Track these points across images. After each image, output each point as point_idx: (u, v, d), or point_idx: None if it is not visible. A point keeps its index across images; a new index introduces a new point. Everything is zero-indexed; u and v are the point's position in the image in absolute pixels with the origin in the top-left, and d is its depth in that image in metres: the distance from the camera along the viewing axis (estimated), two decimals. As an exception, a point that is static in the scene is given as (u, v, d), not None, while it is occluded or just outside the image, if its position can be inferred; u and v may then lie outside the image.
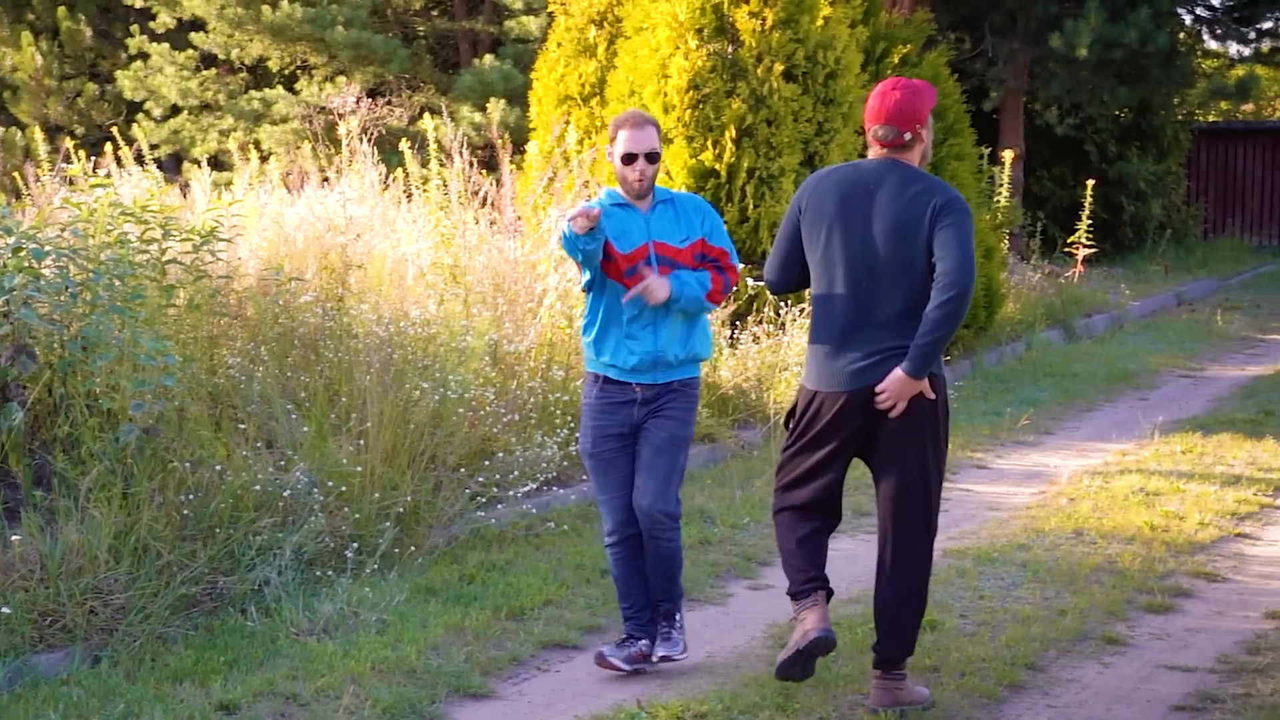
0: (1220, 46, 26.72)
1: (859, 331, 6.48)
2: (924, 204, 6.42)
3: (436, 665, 6.90)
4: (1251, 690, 6.80)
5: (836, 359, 6.53)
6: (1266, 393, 14.17)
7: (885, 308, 6.45)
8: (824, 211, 6.57)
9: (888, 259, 6.45)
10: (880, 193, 6.50)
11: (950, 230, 6.38)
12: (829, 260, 6.55)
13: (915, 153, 6.62)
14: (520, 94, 18.29)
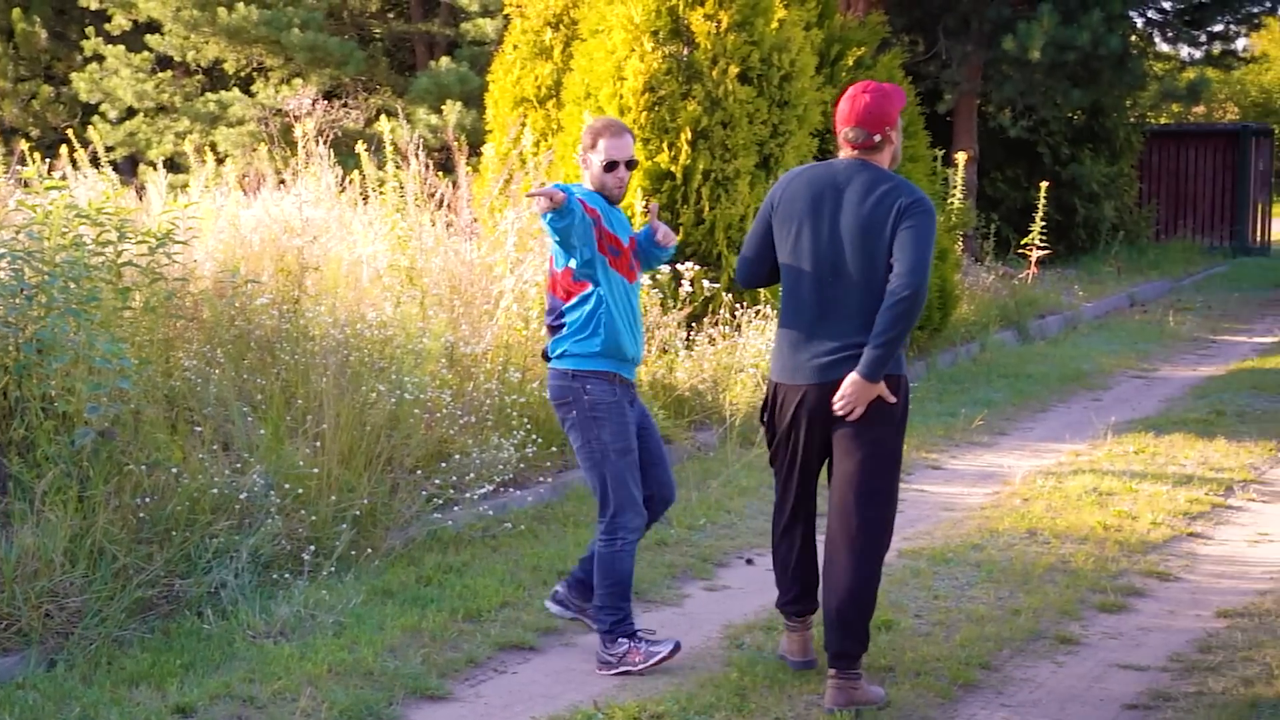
0: (1171, 49, 26.90)
1: (823, 328, 6.64)
2: (889, 204, 6.56)
3: (393, 667, 6.90)
4: (1203, 688, 6.86)
5: (800, 353, 6.70)
6: (1218, 393, 14.27)
7: (849, 305, 6.60)
8: (794, 209, 6.74)
9: (852, 257, 6.59)
10: (848, 192, 6.64)
11: (910, 232, 6.50)
12: (797, 257, 6.72)
13: (885, 154, 6.78)
14: (476, 96, 18.28)
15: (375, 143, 13.21)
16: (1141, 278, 23.65)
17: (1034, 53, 20.97)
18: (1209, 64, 25.91)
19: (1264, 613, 7.94)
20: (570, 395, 7.12)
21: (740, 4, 12.86)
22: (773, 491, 9.70)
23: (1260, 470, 11.31)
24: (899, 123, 6.83)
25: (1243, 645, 7.40)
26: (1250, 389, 14.46)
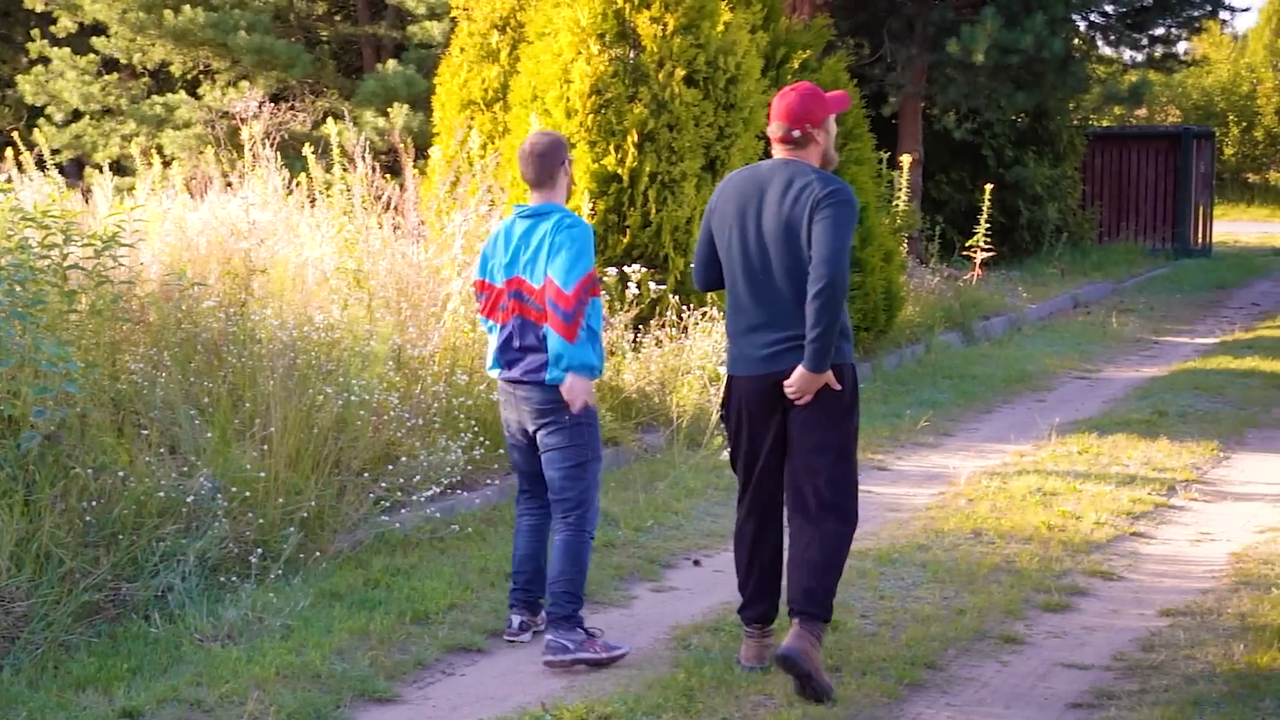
0: (1114, 52, 27.06)
1: (761, 324, 6.88)
2: (806, 198, 6.76)
3: (341, 670, 6.89)
4: (1146, 687, 6.93)
5: (745, 347, 6.95)
6: (1160, 393, 14.37)
7: (782, 301, 6.82)
8: (726, 212, 6.98)
9: (776, 254, 6.82)
10: (770, 190, 6.87)
11: (824, 222, 6.70)
12: (730, 258, 6.96)
13: (811, 152, 6.96)
14: (423, 99, 18.27)
15: (322, 145, 13.21)
16: (1085, 279, 23.77)
17: (978, 56, 21.09)
18: (1151, 67, 26.07)
19: (1206, 611, 8.01)
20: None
21: (686, 7, 12.89)
22: (719, 492, 9.78)
23: (1202, 470, 11.42)
24: (827, 124, 7.02)
25: (1185, 644, 7.47)
26: (1192, 389, 14.57)
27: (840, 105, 7.10)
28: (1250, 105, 41.14)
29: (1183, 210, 28.24)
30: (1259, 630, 7.60)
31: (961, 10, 22.90)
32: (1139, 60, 26.38)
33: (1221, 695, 6.73)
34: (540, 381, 7.30)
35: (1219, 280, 24.72)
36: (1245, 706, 6.58)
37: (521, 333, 7.38)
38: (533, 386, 7.33)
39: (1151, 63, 25.95)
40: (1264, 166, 41.29)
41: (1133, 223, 28.38)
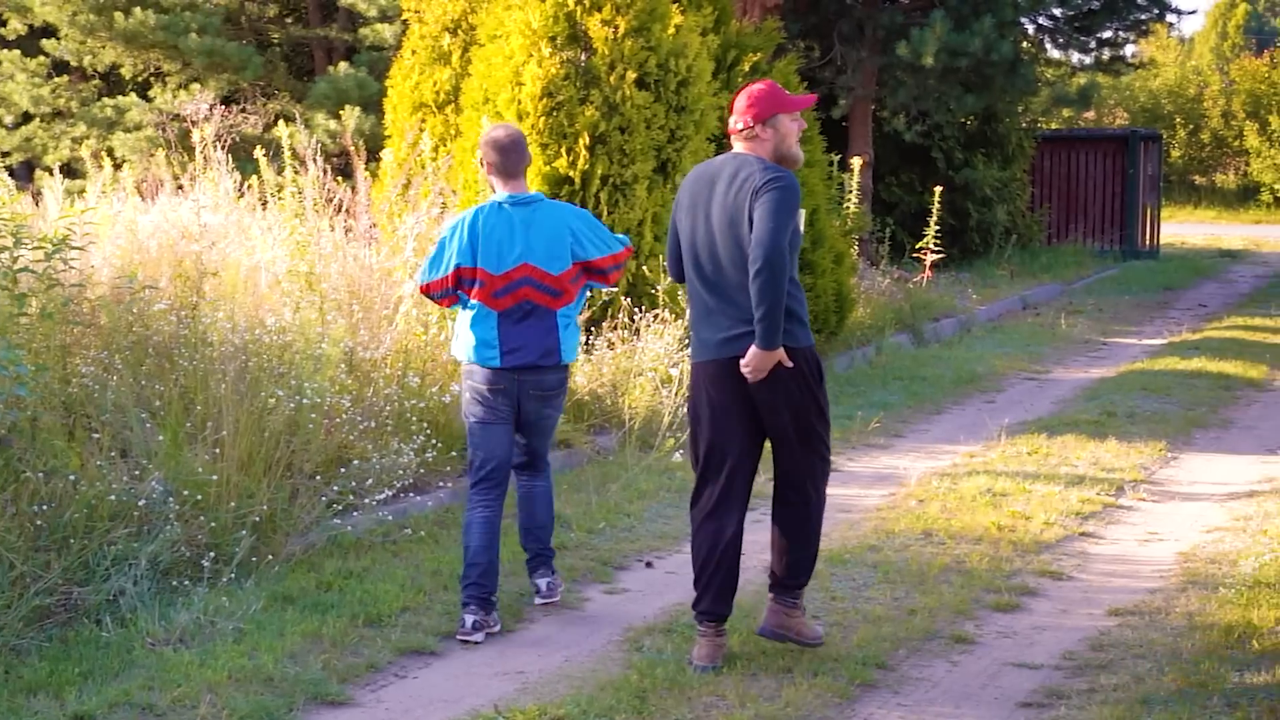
0: (1062, 55, 27.23)
1: (714, 311, 7.12)
2: (748, 188, 6.98)
3: (294, 673, 6.89)
4: (1095, 686, 6.98)
5: (703, 334, 7.19)
6: (1109, 394, 14.46)
7: (731, 288, 7.05)
8: (683, 205, 7.25)
9: (723, 243, 7.05)
10: (719, 183, 7.12)
11: (762, 206, 6.92)
12: (688, 249, 7.21)
13: (761, 145, 7.16)
14: (375, 101, 18.24)
15: (274, 148, 13.17)
16: (1034, 281, 23.88)
17: (927, 58, 21.18)
18: (1099, 70, 26.22)
19: (1154, 610, 8.08)
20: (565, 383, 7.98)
21: (637, 10, 12.92)
22: (671, 494, 9.80)
23: (1150, 470, 11.50)
24: (775, 121, 7.16)
25: (1134, 643, 7.54)
26: (1140, 390, 14.66)
27: (795, 104, 7.22)
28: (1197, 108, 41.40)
29: (1130, 212, 28.40)
30: (1206, 629, 7.68)
31: (911, 13, 22.99)
32: (1087, 63, 26.52)
33: (1170, 694, 6.79)
34: (558, 363, 7.76)
35: (1166, 282, 24.87)
36: (1193, 705, 6.64)
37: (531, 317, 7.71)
38: (552, 370, 7.75)
39: (1099, 65, 26.10)
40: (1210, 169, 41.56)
41: (1081, 225, 28.52)
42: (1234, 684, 6.91)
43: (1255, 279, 25.62)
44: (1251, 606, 7.97)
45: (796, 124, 7.22)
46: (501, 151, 7.71)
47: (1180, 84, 42.33)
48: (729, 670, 7.04)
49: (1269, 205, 38.24)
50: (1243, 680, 6.96)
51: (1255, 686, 6.87)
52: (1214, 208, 39.22)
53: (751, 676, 7.02)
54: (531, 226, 7.69)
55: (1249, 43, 62.94)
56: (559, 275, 7.68)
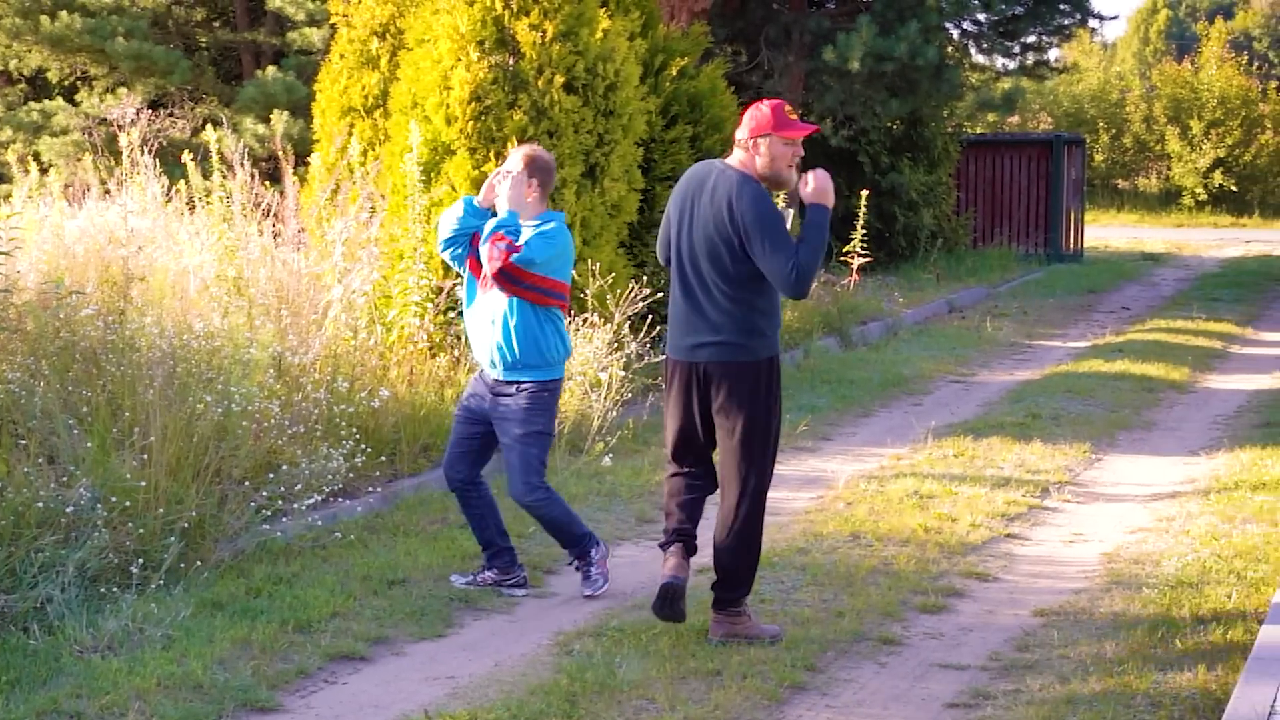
0: (987, 60, 27.36)
1: (689, 314, 7.53)
2: (724, 205, 7.38)
3: (223, 680, 6.87)
4: (1021, 686, 7.06)
5: (675, 336, 7.63)
6: (1034, 396, 14.56)
7: (702, 299, 7.48)
8: (675, 202, 7.65)
9: (703, 256, 7.44)
10: (703, 194, 7.50)
11: (756, 237, 7.33)
12: (674, 249, 7.60)
13: (750, 161, 7.53)
14: (304, 106, 18.16)
15: (202, 152, 13.10)
16: (960, 284, 24.00)
17: (853, 63, 21.29)
18: (1023, 75, 26.39)
19: (1079, 611, 8.17)
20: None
21: (565, 14, 12.94)
22: (601, 498, 9.86)
23: (1075, 472, 11.61)
24: (769, 140, 7.49)
25: (1059, 643, 7.62)
26: (1065, 393, 14.78)
27: (790, 130, 7.53)
28: (1120, 112, 41.73)
29: (1055, 216, 28.59)
30: (1130, 629, 7.77)
31: (837, 18, 23.11)
32: (1011, 68, 26.68)
33: (1094, 694, 6.87)
34: None
35: (1090, 285, 25.05)
36: (1118, 704, 6.73)
37: None
38: None
39: (1023, 70, 26.28)
40: (1133, 173, 41.89)
41: (1006, 228, 28.69)
42: (1158, 683, 7.00)
43: (1177, 282, 25.86)
44: (1174, 606, 8.08)
45: (791, 149, 7.56)
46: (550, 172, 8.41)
47: (1103, 89, 42.66)
48: (658, 673, 7.08)
49: (1190, 209, 38.61)
50: (1166, 679, 7.05)
51: (1179, 686, 6.96)
52: (1137, 211, 39.55)
53: (681, 679, 7.06)
54: None
55: (1170, 48, 63.59)
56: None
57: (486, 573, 8.54)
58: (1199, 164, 38.42)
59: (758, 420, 7.50)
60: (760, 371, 7.50)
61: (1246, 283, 25.21)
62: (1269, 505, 10.23)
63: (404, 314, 11.72)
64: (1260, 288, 24.84)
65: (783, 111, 7.55)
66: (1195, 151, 38.58)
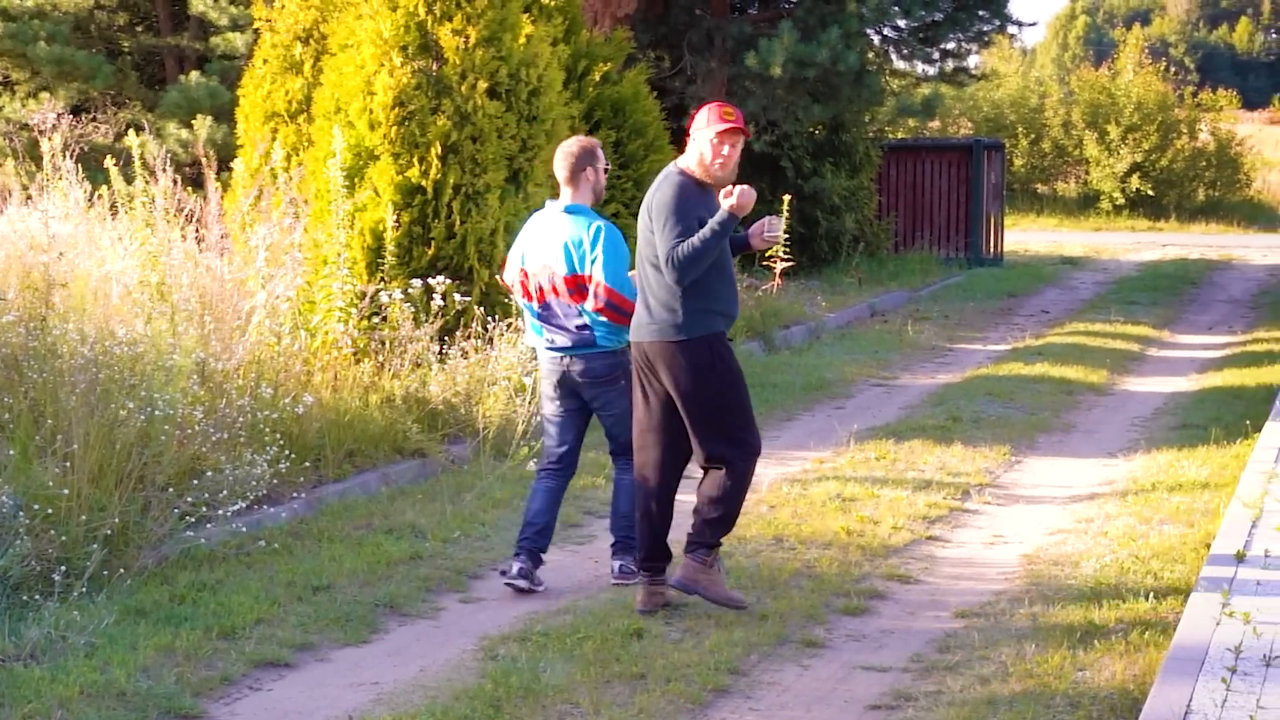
0: (907, 66, 27.46)
1: (639, 300, 8.19)
2: (652, 189, 8.16)
3: (147, 687, 6.86)
4: (942, 687, 7.14)
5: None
6: (955, 399, 14.67)
7: (645, 280, 8.13)
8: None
9: (641, 244, 8.11)
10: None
11: (656, 220, 8.01)
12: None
13: (689, 154, 8.20)
14: (227, 111, 18.05)
15: (124, 157, 13.03)
16: (882, 288, 24.11)
17: (775, 69, 21.39)
18: (943, 80, 26.54)
19: (999, 612, 8.26)
20: (618, 370, 8.67)
21: (488, 20, 12.95)
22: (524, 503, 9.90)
23: (995, 474, 11.72)
24: (698, 135, 8.16)
25: (979, 644, 7.70)
26: (985, 395, 14.90)
27: (718, 124, 8.13)
28: (1038, 118, 41.96)
29: (975, 220, 28.76)
30: (1050, 630, 7.86)
31: (760, 24, 23.20)
32: (931, 74, 26.84)
33: (1014, 694, 6.96)
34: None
35: (1010, 288, 25.22)
36: (1037, 704, 6.81)
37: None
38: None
39: (943, 76, 26.43)
40: (1052, 177, 42.12)
41: (927, 232, 28.84)
42: (1076, 684, 7.09)
43: (1096, 285, 26.08)
44: (1093, 607, 8.18)
45: (717, 146, 8.14)
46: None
47: (1022, 94, 42.89)
48: (583, 678, 7.11)
49: (1108, 213, 38.89)
50: (1085, 680, 7.15)
51: (1097, 686, 7.06)
52: (1056, 215, 39.80)
53: (605, 684, 7.10)
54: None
55: (1088, 54, 64.19)
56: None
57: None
58: (1116, 169, 38.71)
59: (702, 394, 8.00)
60: (692, 349, 7.96)
61: (1163, 286, 25.45)
62: (1185, 506, 10.36)
63: (328, 319, 11.71)
64: (1176, 291, 25.08)
65: (717, 110, 8.14)
66: (1113, 156, 38.87)
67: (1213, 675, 6.60)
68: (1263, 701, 6.30)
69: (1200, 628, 7.30)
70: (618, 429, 8.74)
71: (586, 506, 10.45)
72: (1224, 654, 6.87)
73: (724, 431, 8.08)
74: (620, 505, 8.80)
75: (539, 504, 8.76)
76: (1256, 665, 6.73)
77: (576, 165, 8.73)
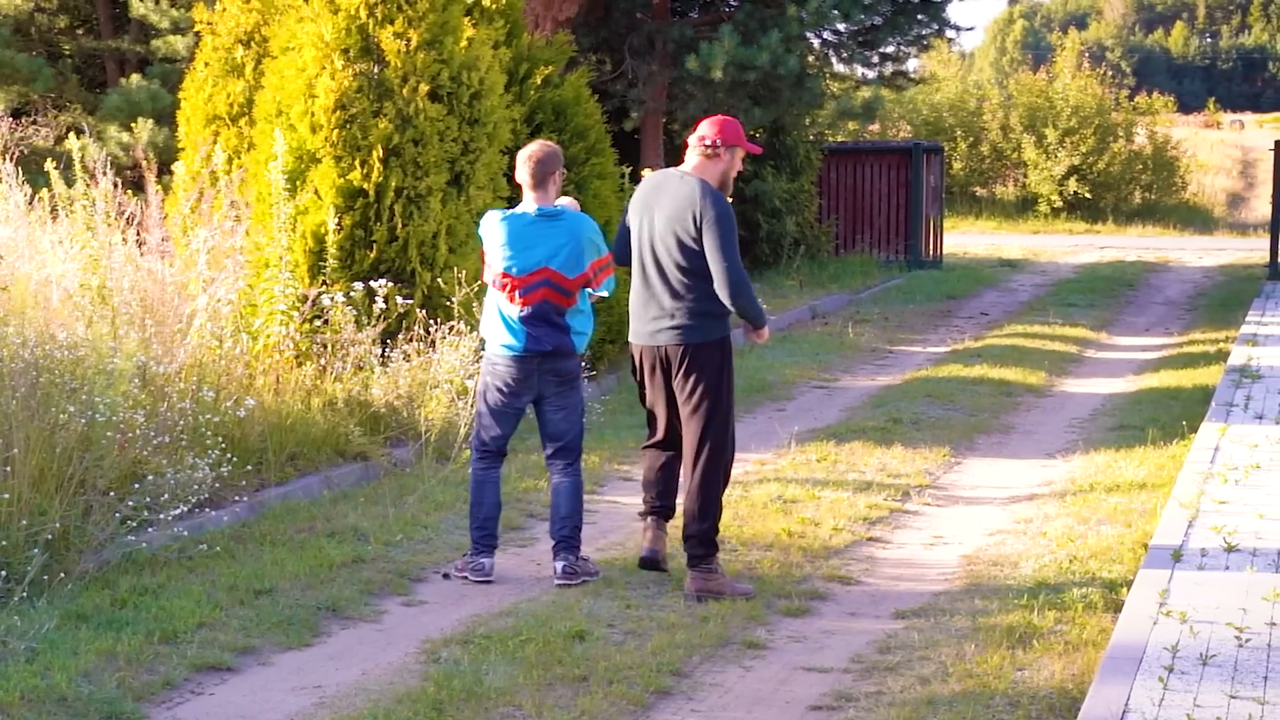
0: (847, 70, 27.58)
1: (648, 303, 8.73)
2: (690, 209, 8.56)
3: (88, 693, 6.83)
4: (883, 688, 7.19)
5: (636, 324, 8.84)
6: (895, 401, 14.75)
7: (660, 288, 8.70)
8: (635, 206, 8.84)
9: (662, 250, 8.63)
10: (664, 196, 8.70)
11: (712, 238, 8.61)
12: (635, 245, 8.79)
13: (715, 165, 8.82)
14: (168, 114, 17.99)
15: (65, 160, 12.98)
16: (822, 291, 24.21)
17: (716, 72, 21.48)
18: (882, 84, 26.62)
19: (939, 613, 8.32)
20: (579, 370, 9.15)
21: (429, 23, 12.95)
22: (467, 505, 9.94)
23: (935, 475, 11.80)
24: (735, 150, 8.87)
25: (919, 645, 7.76)
26: (925, 397, 14.98)
27: (750, 146, 9.04)
28: (977, 121, 42.19)
29: (915, 223, 28.90)
30: (989, 630, 7.93)
31: (700, 28, 23.27)
32: (871, 77, 26.92)
33: (954, 694, 7.01)
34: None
35: (949, 291, 25.35)
36: (977, 704, 6.87)
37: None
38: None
39: (883, 80, 26.53)
40: (990, 180, 42.38)
41: (867, 235, 28.97)
42: (1016, 683, 7.15)
43: (1034, 287, 26.25)
44: (1032, 607, 8.25)
45: (740, 163, 8.91)
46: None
47: (961, 98, 43.14)
48: (525, 680, 7.13)
49: (1046, 216, 39.16)
50: (1024, 679, 7.21)
51: (1036, 685, 7.12)
52: (995, 218, 40.03)
53: (548, 686, 7.12)
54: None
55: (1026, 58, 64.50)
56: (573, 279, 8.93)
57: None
58: (1054, 172, 38.99)
59: (712, 394, 8.64)
60: (713, 351, 8.67)
61: (1100, 288, 25.65)
62: (1123, 507, 10.46)
63: (269, 323, 11.69)
64: (1114, 293, 25.29)
65: (741, 130, 8.90)
66: (1051, 159, 39.15)
67: (1150, 674, 6.68)
68: (1199, 700, 6.38)
69: (1138, 627, 7.38)
70: (565, 426, 8.98)
71: (529, 509, 10.47)
72: (1161, 653, 6.95)
73: (727, 426, 8.76)
74: (560, 507, 8.89)
75: (494, 496, 9.02)
76: (1193, 664, 6.82)
77: (545, 170, 8.99)
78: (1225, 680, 6.62)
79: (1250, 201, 46.24)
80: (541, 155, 9.02)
